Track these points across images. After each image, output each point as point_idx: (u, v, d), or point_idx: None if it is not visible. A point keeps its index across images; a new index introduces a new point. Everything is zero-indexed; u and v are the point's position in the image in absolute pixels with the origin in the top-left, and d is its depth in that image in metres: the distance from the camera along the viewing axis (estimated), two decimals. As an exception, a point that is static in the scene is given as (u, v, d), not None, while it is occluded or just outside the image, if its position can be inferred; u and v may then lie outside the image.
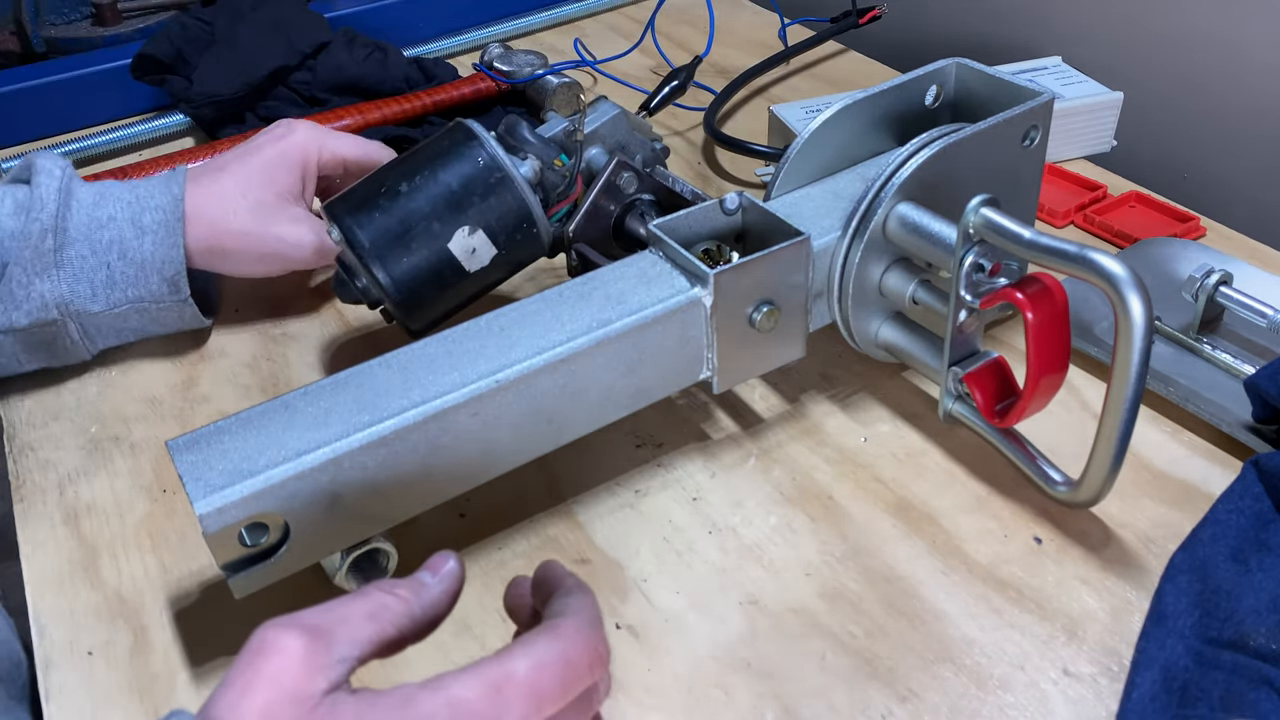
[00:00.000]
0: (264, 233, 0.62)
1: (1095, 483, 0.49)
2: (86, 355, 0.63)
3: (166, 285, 0.60)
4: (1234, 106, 0.82)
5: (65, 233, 0.58)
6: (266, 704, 0.30)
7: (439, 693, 0.32)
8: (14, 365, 0.61)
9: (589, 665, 0.34)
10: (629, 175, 0.61)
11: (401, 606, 0.34)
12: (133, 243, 0.59)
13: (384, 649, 0.34)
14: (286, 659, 0.31)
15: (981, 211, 0.49)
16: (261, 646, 0.32)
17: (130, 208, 0.60)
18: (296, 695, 0.31)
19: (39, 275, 0.57)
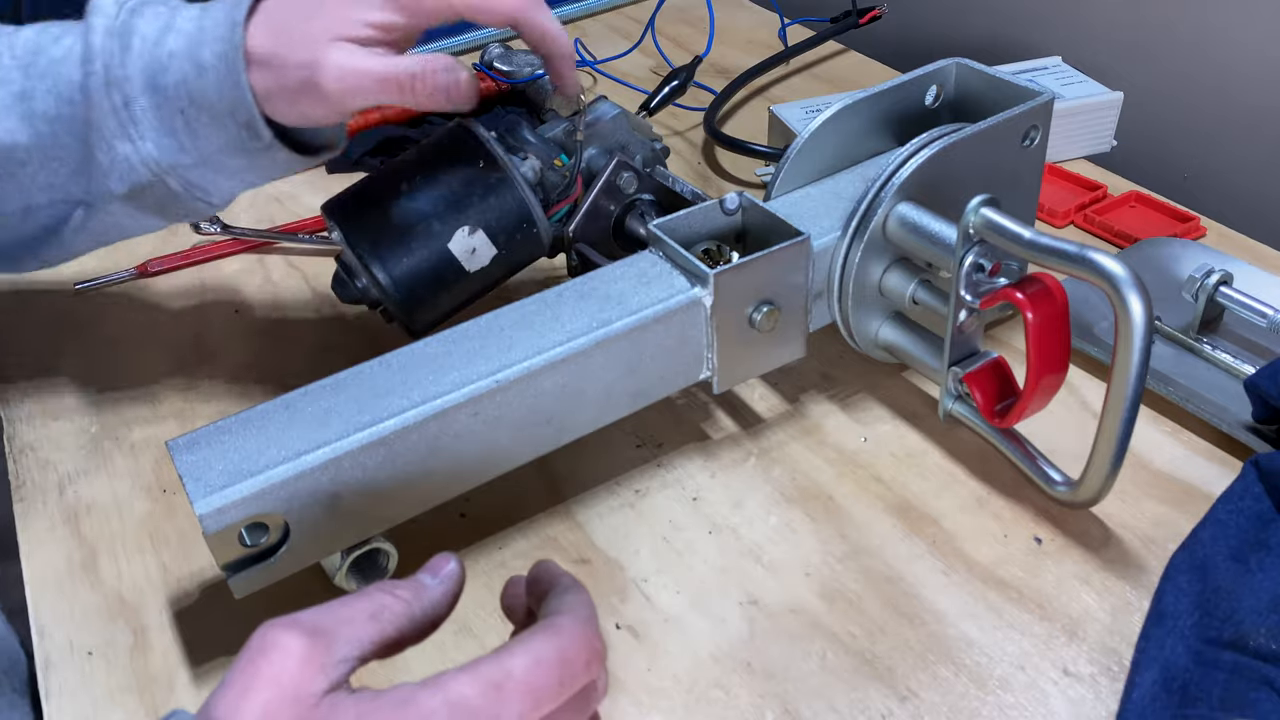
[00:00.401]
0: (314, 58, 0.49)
1: (1095, 483, 0.49)
2: (209, 209, 0.55)
3: (243, 130, 0.51)
4: (1234, 106, 0.82)
5: (128, 81, 0.50)
6: (266, 703, 0.30)
7: (438, 692, 0.32)
8: (142, 225, 0.55)
9: (586, 662, 0.34)
10: (629, 175, 0.61)
11: (402, 607, 0.34)
12: (196, 84, 0.50)
13: (384, 650, 0.34)
14: (287, 659, 0.31)
15: (981, 211, 0.49)
16: (262, 646, 0.32)
17: (190, 41, 0.51)
18: (296, 695, 0.31)
19: (118, 139, 0.51)
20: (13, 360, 0.66)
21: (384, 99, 0.50)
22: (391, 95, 0.50)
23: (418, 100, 0.50)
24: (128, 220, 0.55)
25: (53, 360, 0.66)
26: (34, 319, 0.70)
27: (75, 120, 0.51)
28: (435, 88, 0.50)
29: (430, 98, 0.50)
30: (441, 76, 0.50)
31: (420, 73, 0.50)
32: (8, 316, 0.71)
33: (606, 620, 0.48)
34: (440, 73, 0.50)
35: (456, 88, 0.51)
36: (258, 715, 0.30)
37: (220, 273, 0.74)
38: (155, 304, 0.72)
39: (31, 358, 0.67)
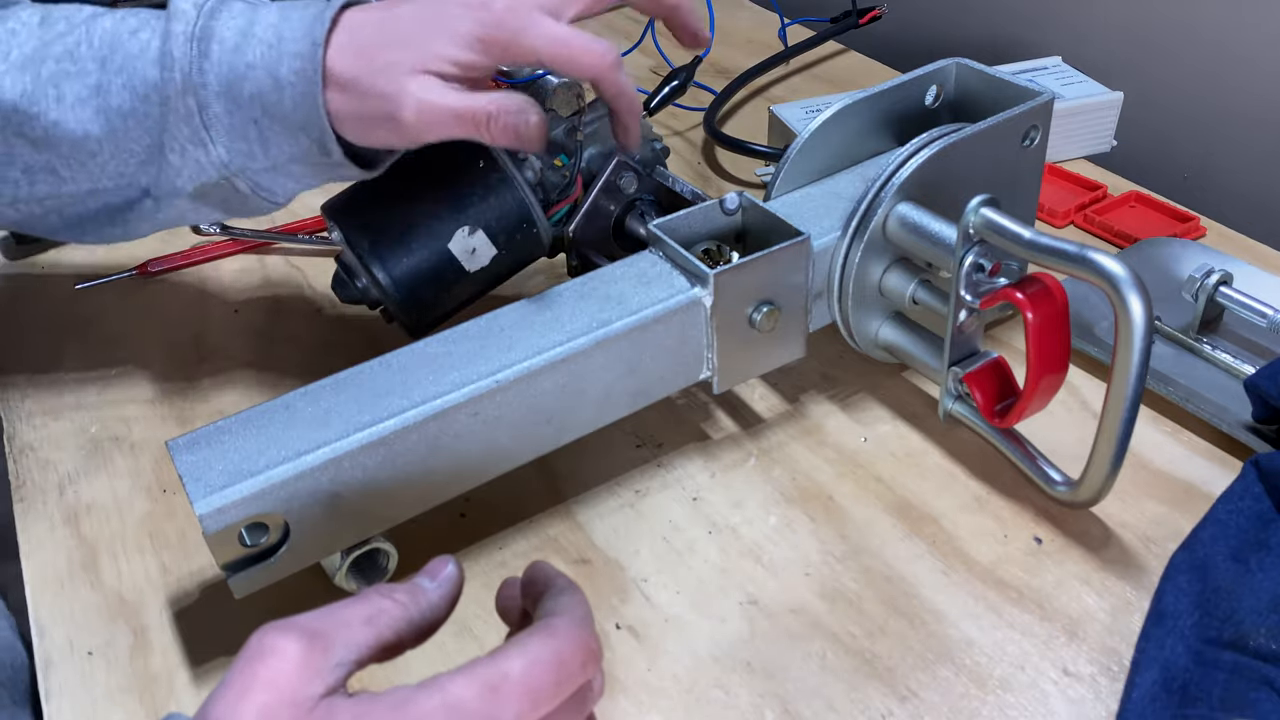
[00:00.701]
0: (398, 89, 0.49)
1: (1095, 483, 0.49)
2: (272, 207, 0.56)
3: (315, 146, 0.52)
4: (1234, 106, 0.82)
5: (205, 88, 0.51)
6: (263, 706, 0.31)
7: (435, 694, 0.32)
8: (200, 216, 0.57)
9: (582, 663, 0.34)
10: (629, 175, 0.61)
11: (399, 611, 0.35)
12: (272, 98, 0.51)
13: (382, 653, 0.34)
14: (284, 662, 0.31)
15: (981, 211, 0.49)
16: (259, 649, 0.32)
17: (269, 54, 0.51)
18: (294, 698, 0.31)
19: (192, 144, 0.52)
20: (13, 360, 0.66)
21: (458, 134, 0.50)
22: (467, 130, 0.50)
23: (491, 137, 0.51)
24: (191, 213, 0.56)
25: (53, 360, 0.66)
26: (34, 319, 0.70)
27: (149, 118, 0.52)
28: (507, 127, 0.50)
29: (502, 135, 0.50)
30: (514, 118, 0.50)
31: (496, 113, 0.50)
32: (8, 316, 0.71)
33: (606, 620, 0.48)
34: (513, 114, 0.50)
35: (527, 128, 0.51)
36: (254, 717, 0.30)
37: (220, 273, 0.74)
38: (155, 304, 0.72)
39: (31, 358, 0.67)
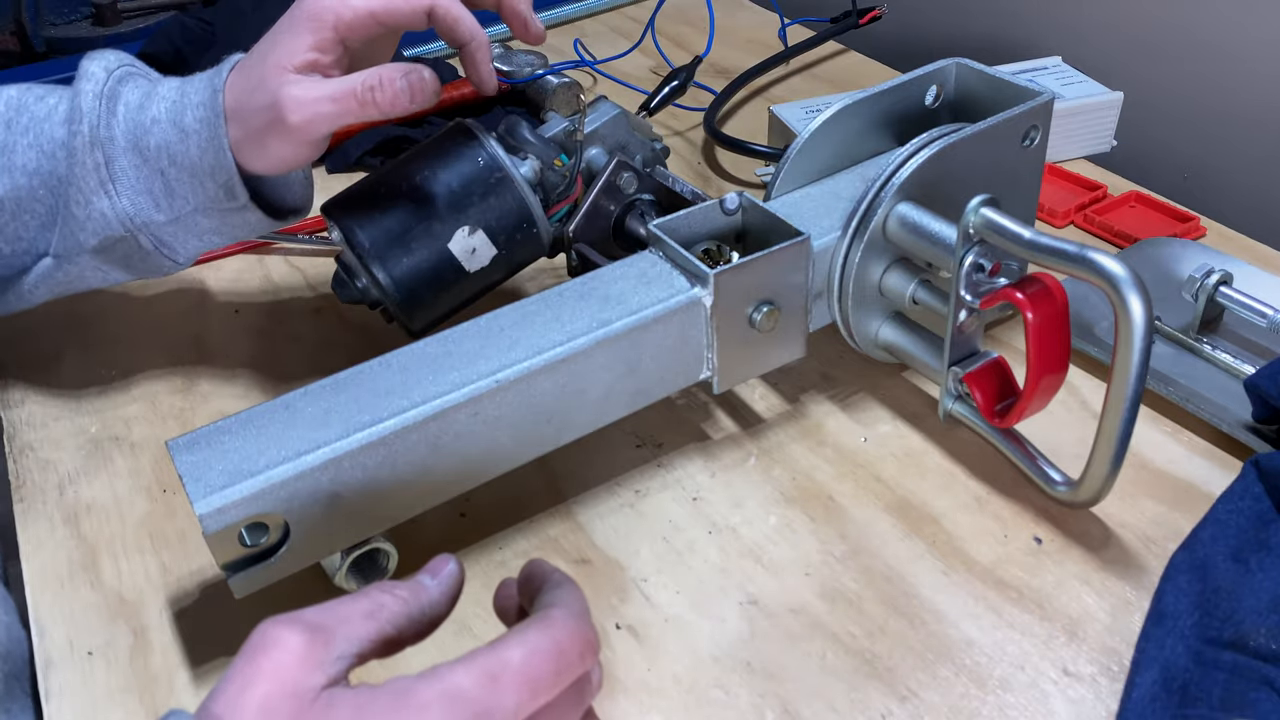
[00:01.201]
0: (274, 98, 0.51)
1: (1095, 483, 0.49)
2: (176, 265, 0.57)
3: (221, 191, 0.54)
4: (1234, 106, 0.82)
5: (112, 142, 0.53)
6: (265, 698, 0.31)
7: (435, 683, 0.32)
8: (102, 277, 0.58)
9: (580, 653, 0.34)
10: (629, 175, 0.61)
11: (400, 606, 0.35)
12: (179, 147, 0.53)
13: (383, 648, 0.34)
14: (286, 655, 0.32)
15: (981, 211, 0.49)
16: (262, 643, 0.32)
17: (174, 108, 0.54)
18: (295, 689, 0.31)
19: (96, 194, 0.53)
20: (12, 360, 0.66)
21: (348, 118, 0.51)
22: (354, 111, 0.51)
23: (382, 109, 0.51)
24: (91, 273, 0.57)
25: (53, 360, 0.66)
26: (34, 319, 0.70)
27: (54, 175, 0.54)
28: (396, 93, 0.51)
29: (394, 103, 0.51)
30: (399, 81, 0.51)
31: (376, 83, 0.51)
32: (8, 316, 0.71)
33: (606, 620, 0.48)
34: (397, 78, 0.51)
35: (419, 86, 0.52)
36: (257, 710, 0.31)
37: (220, 273, 0.74)
38: (155, 304, 0.72)
39: (31, 358, 0.67)
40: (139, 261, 0.57)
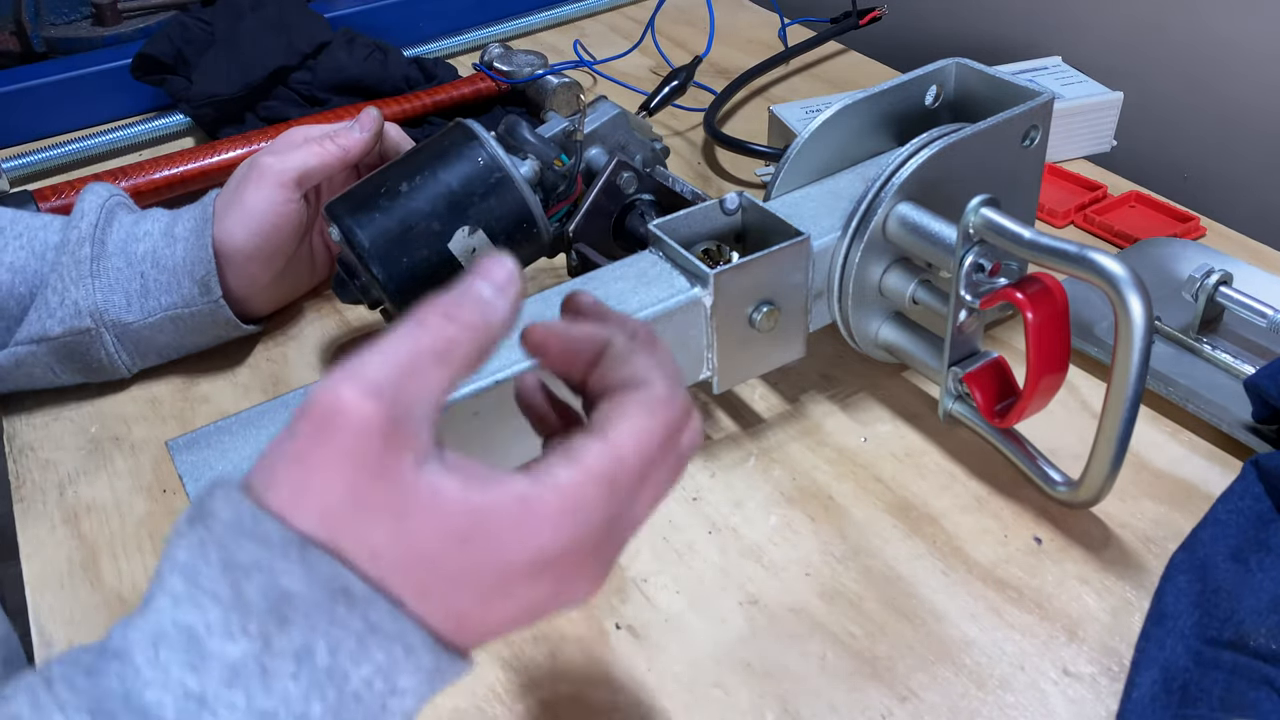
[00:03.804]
0: (250, 162, 0.61)
1: (1095, 483, 0.49)
2: (124, 372, 0.62)
3: (197, 287, 0.59)
4: (1234, 106, 0.82)
5: (103, 244, 0.59)
6: (345, 486, 0.27)
7: (560, 490, 0.29)
8: (49, 378, 0.61)
9: (691, 437, 0.33)
10: (629, 175, 0.61)
11: (471, 341, 0.29)
12: (165, 251, 0.59)
13: (455, 385, 0.30)
14: (361, 428, 0.27)
15: (981, 211, 0.49)
16: (327, 411, 0.27)
17: (165, 220, 0.61)
18: (380, 472, 0.27)
19: (75, 283, 0.58)
20: (13, 360, 0.66)
21: (312, 160, 0.61)
22: (316, 153, 0.61)
23: (342, 147, 0.62)
24: (41, 371, 0.60)
25: (53, 360, 0.66)
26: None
27: (38, 275, 0.58)
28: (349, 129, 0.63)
29: (350, 139, 0.62)
30: (352, 124, 0.63)
31: (333, 131, 0.62)
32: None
33: (606, 620, 0.48)
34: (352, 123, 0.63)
35: (366, 118, 0.63)
36: (338, 497, 0.27)
37: (220, 273, 0.74)
38: (155, 304, 0.71)
39: (31, 358, 0.67)
40: (95, 362, 0.60)
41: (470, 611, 0.29)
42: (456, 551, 0.28)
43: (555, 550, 0.29)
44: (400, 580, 0.28)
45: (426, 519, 0.27)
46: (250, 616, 0.27)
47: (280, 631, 0.27)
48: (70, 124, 0.92)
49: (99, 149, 0.88)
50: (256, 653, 0.27)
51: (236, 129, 0.87)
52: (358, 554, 0.27)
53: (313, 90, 0.88)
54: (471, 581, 0.28)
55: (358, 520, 0.27)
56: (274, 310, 0.67)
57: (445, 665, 0.29)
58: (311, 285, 0.69)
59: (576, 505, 0.29)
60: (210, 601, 0.27)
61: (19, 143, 0.91)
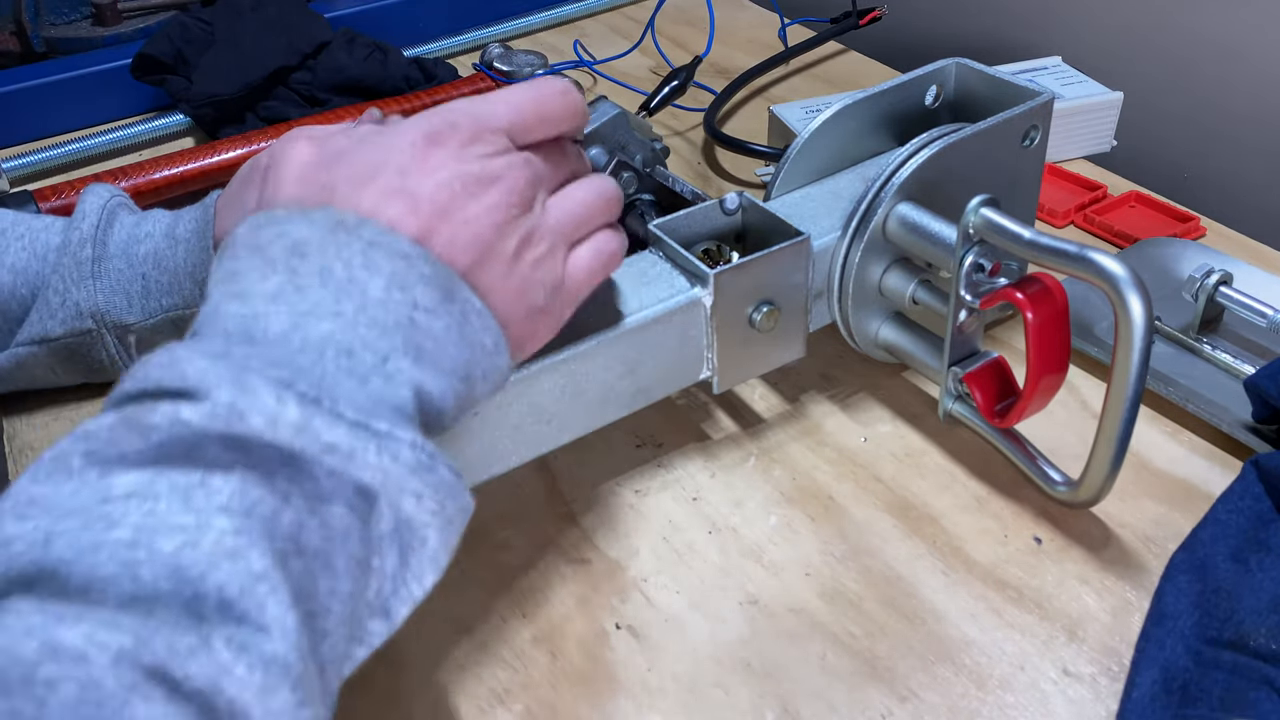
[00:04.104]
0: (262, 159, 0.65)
1: (1095, 483, 0.49)
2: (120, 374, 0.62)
3: (199, 288, 0.59)
4: (1234, 106, 0.82)
5: (104, 245, 0.59)
6: (298, 171, 0.40)
7: (435, 110, 0.40)
8: (51, 378, 0.61)
9: (559, 94, 0.43)
10: (629, 175, 0.61)
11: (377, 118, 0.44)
12: (167, 253, 0.59)
13: None
14: (298, 156, 0.40)
15: (981, 211, 0.49)
16: (273, 158, 0.40)
17: (167, 221, 0.61)
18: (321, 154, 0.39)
19: (76, 284, 0.58)
20: (13, 360, 0.66)
21: None
22: None
23: None
24: (42, 371, 0.60)
25: (53, 360, 0.66)
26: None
27: (39, 276, 0.59)
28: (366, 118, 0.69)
29: None
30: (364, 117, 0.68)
31: None
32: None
33: (606, 620, 0.48)
34: None
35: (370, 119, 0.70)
36: (295, 176, 0.40)
37: (220, 273, 0.74)
38: (155, 304, 0.71)
39: (31, 358, 0.66)
40: (96, 363, 0.60)
41: (410, 189, 0.37)
42: (374, 153, 0.39)
43: (436, 122, 0.39)
44: (348, 188, 0.37)
45: (353, 149, 0.39)
46: (277, 264, 0.35)
47: (301, 262, 0.34)
48: (70, 124, 0.92)
49: (99, 149, 0.88)
50: (288, 280, 0.34)
51: (236, 129, 0.87)
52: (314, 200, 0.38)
53: (313, 90, 0.88)
54: (389, 160, 0.38)
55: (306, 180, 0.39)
56: None
57: (450, 283, 0.37)
58: None
59: (446, 106, 0.41)
60: (248, 272, 0.35)
61: (19, 143, 0.91)
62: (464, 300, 0.37)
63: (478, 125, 0.40)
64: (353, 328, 0.34)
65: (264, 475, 0.30)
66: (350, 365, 0.33)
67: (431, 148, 0.38)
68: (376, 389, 0.33)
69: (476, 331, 0.37)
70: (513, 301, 0.40)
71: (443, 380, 0.36)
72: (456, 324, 0.36)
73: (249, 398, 0.30)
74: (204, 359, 0.31)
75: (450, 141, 0.39)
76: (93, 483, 0.29)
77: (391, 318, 0.34)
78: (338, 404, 0.32)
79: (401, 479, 0.32)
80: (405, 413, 0.34)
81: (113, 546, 0.28)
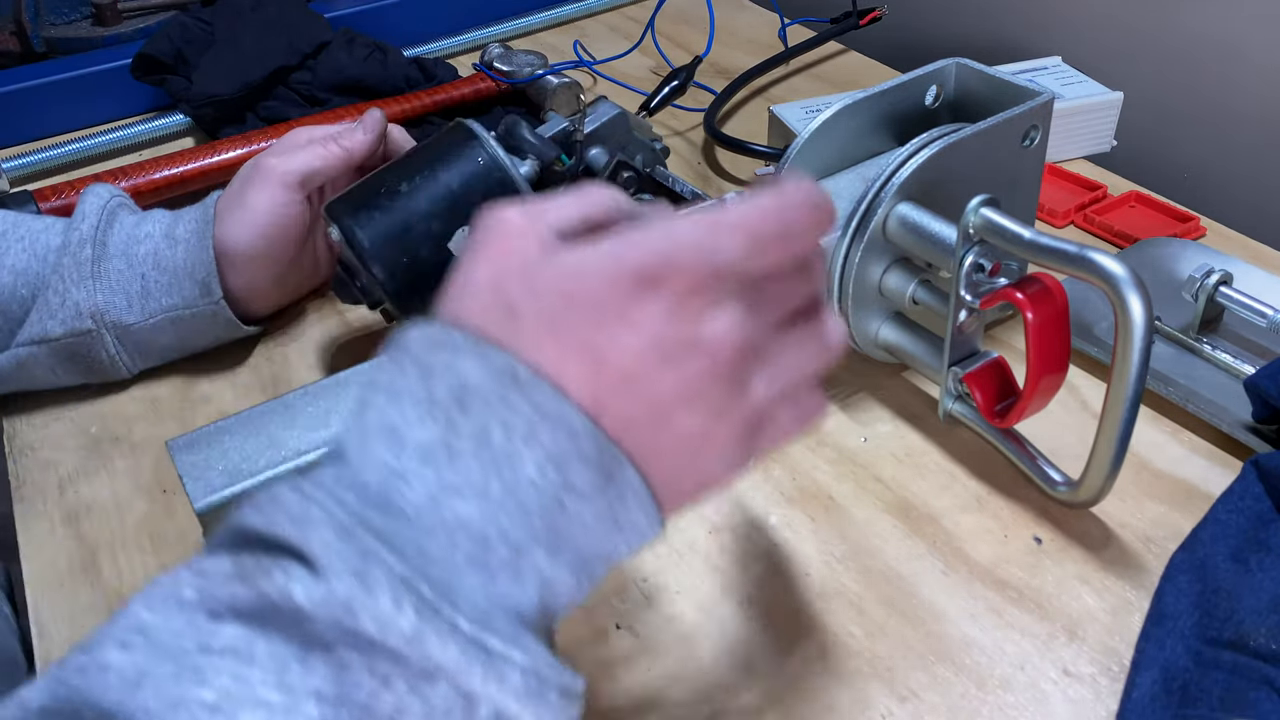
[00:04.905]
0: (253, 163, 0.62)
1: (1095, 483, 0.49)
2: (125, 373, 0.62)
3: (198, 288, 0.60)
4: (1234, 106, 0.82)
5: (104, 245, 0.59)
6: (493, 270, 0.33)
7: (658, 227, 0.32)
8: (51, 379, 0.61)
9: (810, 210, 0.34)
10: (629, 175, 0.61)
11: (607, 194, 0.36)
12: (166, 253, 0.60)
13: (591, 230, 0.35)
14: (505, 227, 0.34)
15: (981, 211, 0.49)
16: (483, 228, 0.35)
17: (167, 221, 0.61)
18: (519, 251, 0.33)
19: (76, 285, 0.58)
20: (13, 360, 0.66)
21: (315, 161, 0.61)
22: (320, 155, 0.62)
23: (345, 149, 0.63)
24: (43, 372, 0.60)
25: (53, 360, 0.66)
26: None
27: (40, 277, 0.59)
28: (353, 129, 0.63)
29: (354, 140, 0.63)
30: (355, 126, 0.64)
31: (336, 133, 0.63)
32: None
33: (607, 620, 0.48)
34: (354, 125, 0.64)
35: (371, 120, 0.64)
36: (488, 278, 0.33)
37: (220, 273, 0.74)
38: (155, 304, 0.71)
39: (31, 358, 0.66)
40: (97, 363, 0.61)
41: (599, 346, 0.32)
42: (572, 283, 0.32)
43: (654, 258, 0.32)
44: (534, 323, 0.32)
45: (549, 271, 0.32)
46: (437, 407, 0.31)
47: (462, 416, 0.31)
48: (70, 124, 0.92)
49: (99, 149, 0.88)
50: (443, 436, 0.31)
51: (236, 129, 0.87)
52: (498, 314, 0.32)
53: (313, 90, 0.88)
54: (587, 300, 0.32)
55: (498, 288, 0.33)
56: (275, 311, 0.67)
57: (613, 465, 0.32)
58: (313, 286, 0.69)
59: (671, 231, 0.32)
60: (408, 402, 0.32)
61: (19, 143, 0.91)
62: (625, 482, 0.32)
63: (703, 267, 0.32)
64: (495, 513, 0.30)
65: (367, 661, 0.29)
66: (481, 558, 0.30)
67: (640, 293, 0.31)
68: (502, 589, 0.30)
69: (631, 513, 0.32)
70: (682, 477, 0.34)
71: (578, 571, 0.32)
72: (609, 509, 0.32)
73: (367, 596, 0.28)
74: (332, 532, 0.29)
75: (665, 289, 0.31)
76: (199, 625, 0.29)
77: (538, 501, 0.31)
78: (457, 610, 0.29)
79: (505, 701, 0.30)
80: (526, 619, 0.31)
81: (195, 708, 0.27)
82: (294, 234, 0.62)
